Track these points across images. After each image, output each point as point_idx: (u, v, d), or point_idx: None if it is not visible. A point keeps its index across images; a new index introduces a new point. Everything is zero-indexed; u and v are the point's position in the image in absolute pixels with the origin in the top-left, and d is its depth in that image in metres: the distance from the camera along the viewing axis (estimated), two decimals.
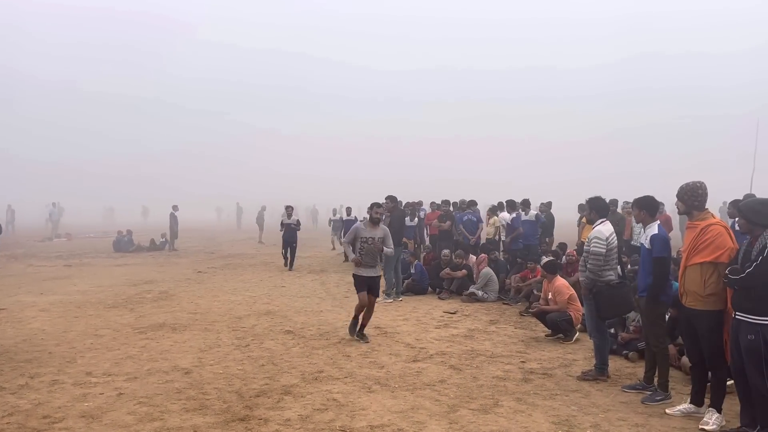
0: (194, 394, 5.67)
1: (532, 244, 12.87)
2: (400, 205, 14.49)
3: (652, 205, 5.71)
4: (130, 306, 10.68)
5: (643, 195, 5.82)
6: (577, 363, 6.90)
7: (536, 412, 5.25)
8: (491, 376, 6.33)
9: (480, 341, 7.98)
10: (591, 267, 6.06)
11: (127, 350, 7.42)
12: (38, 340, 7.98)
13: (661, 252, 5.46)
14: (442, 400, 5.56)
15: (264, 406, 5.34)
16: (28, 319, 9.52)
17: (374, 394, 5.71)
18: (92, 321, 9.29)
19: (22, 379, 6.20)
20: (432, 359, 7.04)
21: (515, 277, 11.16)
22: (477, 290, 11.11)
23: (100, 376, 6.29)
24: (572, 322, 7.96)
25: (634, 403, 5.48)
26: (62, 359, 7.00)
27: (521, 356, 7.20)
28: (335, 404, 5.42)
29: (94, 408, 5.29)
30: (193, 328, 8.70)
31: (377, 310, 10.20)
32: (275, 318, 9.57)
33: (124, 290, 12.70)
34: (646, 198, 5.76)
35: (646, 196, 5.78)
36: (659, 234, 5.50)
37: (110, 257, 21.24)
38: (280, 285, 13.41)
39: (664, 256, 5.46)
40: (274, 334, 8.32)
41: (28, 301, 11.33)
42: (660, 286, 5.49)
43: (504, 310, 10.28)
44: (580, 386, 6.00)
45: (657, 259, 5.48)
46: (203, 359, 6.98)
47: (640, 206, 5.73)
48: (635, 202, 5.83)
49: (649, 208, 5.70)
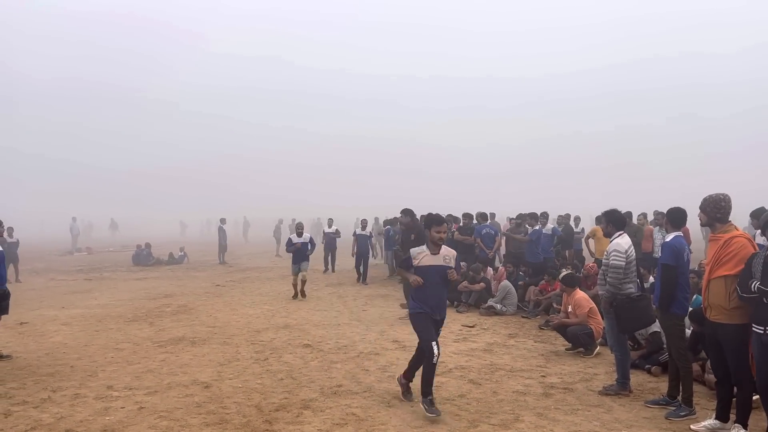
0: (214, 408, 5.69)
1: (548, 257, 12.78)
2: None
3: (676, 217, 5.71)
4: (149, 320, 10.76)
5: (677, 206, 5.83)
6: (598, 377, 6.81)
7: (557, 427, 5.19)
8: (511, 391, 6.27)
9: (499, 355, 7.92)
10: (611, 280, 6.01)
11: (147, 364, 7.46)
12: (60, 354, 8.07)
13: (667, 259, 5.45)
14: (462, 414, 5.52)
15: (283, 421, 5.34)
16: (50, 332, 9.63)
17: (394, 409, 5.68)
18: (113, 335, 9.37)
19: (45, 392, 6.26)
20: (451, 373, 6.99)
21: (534, 290, 11.08)
22: (496, 303, 11.04)
23: (121, 390, 6.33)
24: (593, 335, 7.87)
25: (658, 419, 5.39)
26: (84, 373, 7.06)
27: (541, 370, 7.13)
28: (354, 419, 5.40)
29: (116, 422, 5.33)
30: (212, 342, 8.74)
31: (395, 324, 10.19)
32: (293, 332, 9.58)
33: (144, 304, 12.81)
34: (672, 209, 5.77)
35: (675, 208, 5.78)
36: (670, 242, 5.50)
37: (129, 271, 21.45)
38: (298, 298, 13.43)
39: (668, 264, 5.44)
40: (292, 348, 8.33)
41: (50, 314, 11.46)
42: (667, 295, 5.45)
43: (523, 324, 10.20)
44: (602, 401, 5.92)
45: (662, 266, 5.48)
46: (222, 373, 7.00)
47: (667, 216, 5.75)
48: (667, 212, 5.83)
49: (672, 219, 5.71)
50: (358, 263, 17.11)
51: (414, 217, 10.96)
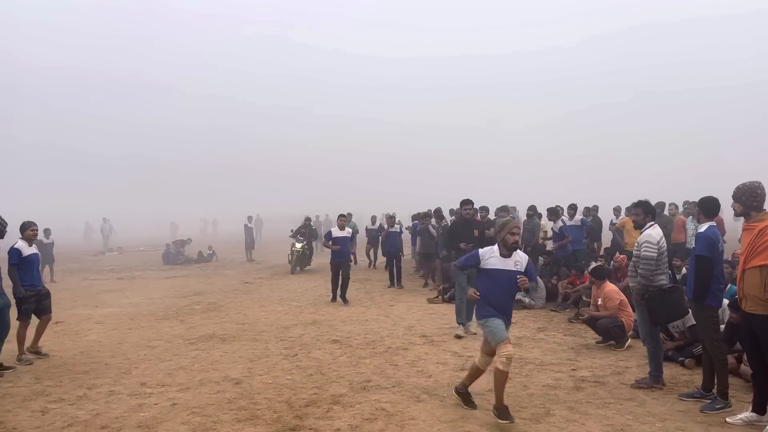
0: (245, 404, 5.75)
1: (578, 249, 12.62)
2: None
3: (708, 206, 5.58)
4: (180, 317, 10.92)
5: (709, 195, 5.71)
6: (630, 370, 6.72)
7: (589, 421, 5.13)
8: (541, 385, 6.23)
9: (529, 349, 7.86)
10: (642, 272, 5.91)
11: (179, 361, 7.58)
12: (95, 352, 8.24)
13: (702, 250, 5.32)
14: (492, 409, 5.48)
15: (314, 416, 5.38)
16: (85, 331, 9.84)
17: (423, 404, 5.68)
18: (145, 333, 9.54)
19: (81, 390, 6.40)
20: None
21: (563, 283, 10.96)
22: (524, 297, 10.96)
23: (154, 387, 6.44)
24: (624, 328, 7.76)
25: (693, 412, 5.30)
26: (118, 370, 7.20)
27: (572, 364, 7.06)
28: (384, 414, 5.41)
29: (150, 418, 5.42)
30: (242, 339, 8.83)
31: (423, 318, 10.19)
32: (322, 327, 9.64)
33: (174, 302, 13.01)
34: (704, 198, 5.64)
35: (708, 197, 5.65)
36: (705, 232, 5.38)
37: (160, 270, 21.79)
38: (325, 294, 13.50)
39: (704, 255, 5.31)
40: (321, 344, 8.38)
41: (84, 313, 11.71)
42: (702, 287, 5.34)
43: (552, 317, 10.11)
44: (634, 394, 5.84)
45: (697, 257, 5.36)
46: (253, 369, 7.08)
47: (700, 205, 5.63)
48: (698, 202, 5.72)
49: (705, 209, 5.58)
50: (390, 264, 15.10)
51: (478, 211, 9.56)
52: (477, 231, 8.82)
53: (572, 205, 13.13)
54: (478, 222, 8.80)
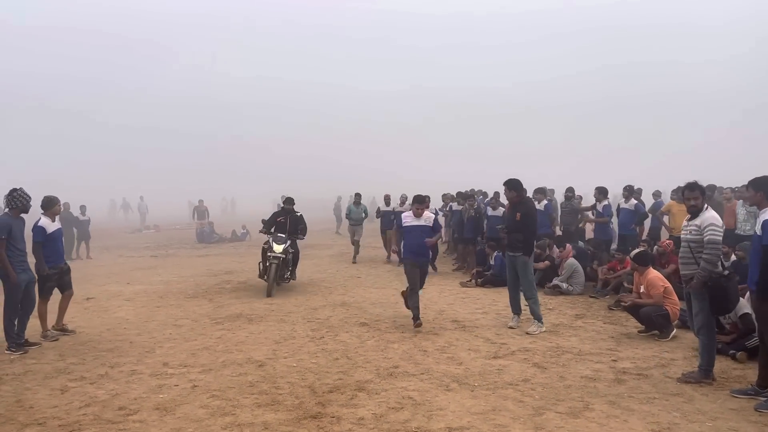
0: (267, 388, 5.54)
1: (628, 234, 12.01)
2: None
3: None
4: (209, 296, 10.82)
5: (763, 175, 5.17)
6: (675, 363, 6.28)
7: (632, 417, 4.75)
8: (579, 376, 5.84)
9: (566, 337, 7.47)
10: (708, 257, 5.39)
11: (204, 341, 7.43)
12: (121, 330, 8.16)
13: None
14: (526, 401, 5.15)
15: (337, 403, 5.13)
16: (114, 308, 9.81)
17: (452, 393, 5.37)
18: (172, 311, 9.45)
19: (103, 368, 6.28)
20: (514, 356, 6.61)
21: (603, 269, 10.47)
22: (561, 282, 10.52)
23: (176, 367, 6.29)
24: (669, 317, 7.29)
25: (746, 411, 4.87)
26: (142, 349, 7.08)
27: (612, 354, 6.64)
28: (411, 403, 5.13)
29: (169, 400, 5.25)
30: (269, 319, 8.65)
31: (455, 303, 9.86)
32: (350, 309, 9.40)
33: (205, 280, 12.95)
34: (764, 178, 5.11)
35: (765, 176, 5.12)
36: None
37: (194, 248, 21.90)
38: (355, 276, 13.28)
39: None
40: (348, 327, 8.13)
41: (115, 290, 11.73)
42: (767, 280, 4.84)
43: (591, 304, 9.65)
44: (681, 389, 5.42)
45: (763, 248, 4.85)
46: (277, 351, 6.87)
47: (757, 187, 5.09)
48: (751, 182, 5.18)
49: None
50: None
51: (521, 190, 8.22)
52: (519, 214, 7.91)
53: (628, 186, 12.53)
54: (521, 205, 7.99)
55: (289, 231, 11.60)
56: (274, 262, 10.81)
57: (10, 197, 7.14)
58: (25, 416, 4.95)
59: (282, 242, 11.09)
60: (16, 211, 7.11)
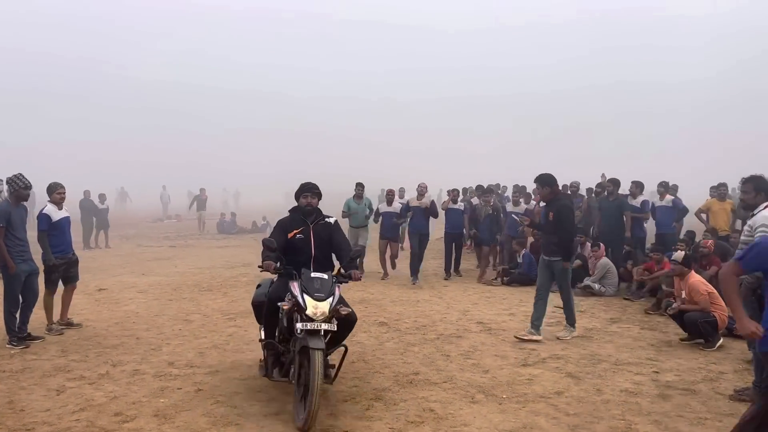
0: (276, 395, 5.11)
1: (667, 233, 11.32)
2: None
3: None
4: (224, 290, 10.45)
5: None
6: (725, 377, 5.69)
7: None
8: (619, 390, 5.30)
9: (600, 343, 6.91)
10: None
11: (214, 339, 7.03)
12: (129, 324, 7.80)
13: None
14: (561, 417, 4.64)
15: (351, 415, 4.66)
16: (125, 300, 9.48)
17: (478, 406, 4.88)
18: (185, 305, 9.08)
19: (104, 367, 5.91)
20: (545, 364, 6.08)
21: (639, 270, 9.84)
22: (593, 283, 9.92)
23: (182, 368, 5.89)
24: (716, 325, 6.68)
25: None
26: (148, 346, 6.70)
27: (653, 365, 6.07)
28: (432, 416, 4.64)
29: (169, 406, 4.84)
30: None
31: (479, 302, 9.33)
32: (369, 307, 8.94)
33: (221, 273, 12.60)
34: None
35: None
36: None
37: (214, 239, 21.65)
38: (376, 271, 12.80)
39: None
40: (367, 326, 7.66)
41: (129, 281, 11.42)
42: None
43: (626, 307, 9.04)
44: (735, 408, 4.84)
45: None
46: None
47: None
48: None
49: None
50: (449, 249, 12.24)
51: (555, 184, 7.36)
52: (552, 213, 7.15)
53: (663, 182, 11.84)
54: (554, 203, 7.40)
55: (320, 259, 5.26)
56: (318, 350, 4.36)
57: (9, 180, 6.81)
58: (14, 420, 4.57)
59: (326, 292, 4.65)
60: (16, 198, 6.76)
